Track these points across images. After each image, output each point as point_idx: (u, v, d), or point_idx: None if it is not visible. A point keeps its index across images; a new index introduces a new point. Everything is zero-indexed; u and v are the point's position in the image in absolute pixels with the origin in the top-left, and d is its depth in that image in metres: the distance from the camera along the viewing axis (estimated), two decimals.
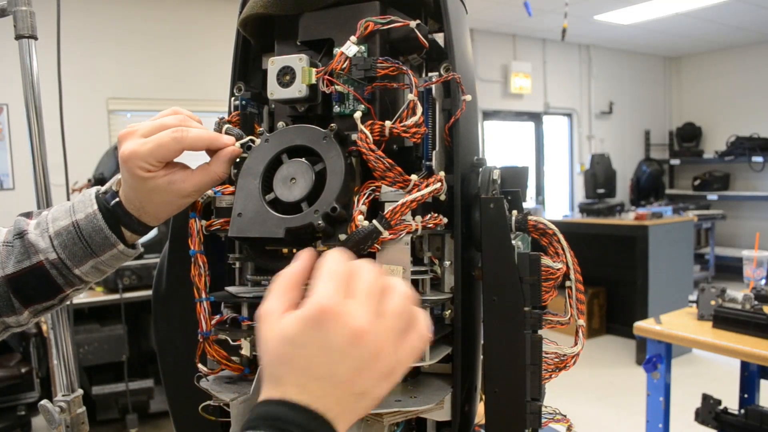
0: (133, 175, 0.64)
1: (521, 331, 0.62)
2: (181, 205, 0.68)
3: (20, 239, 0.68)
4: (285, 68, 0.63)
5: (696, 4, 5.94)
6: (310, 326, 0.46)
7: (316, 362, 0.46)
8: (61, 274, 0.68)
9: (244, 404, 0.64)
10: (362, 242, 0.57)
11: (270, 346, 0.47)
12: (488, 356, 0.63)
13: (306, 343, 0.46)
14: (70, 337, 1.26)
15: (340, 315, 0.46)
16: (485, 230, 0.63)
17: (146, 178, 0.64)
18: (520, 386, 0.62)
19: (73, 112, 4.35)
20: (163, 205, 0.67)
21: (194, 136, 0.65)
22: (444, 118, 0.67)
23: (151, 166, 0.64)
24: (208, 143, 0.66)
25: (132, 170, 0.64)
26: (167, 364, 0.77)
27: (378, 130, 0.61)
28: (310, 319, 0.46)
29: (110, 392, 3.41)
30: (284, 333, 0.47)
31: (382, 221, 0.57)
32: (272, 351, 0.47)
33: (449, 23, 0.67)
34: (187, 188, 0.66)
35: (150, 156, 0.63)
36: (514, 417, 0.62)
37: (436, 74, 0.66)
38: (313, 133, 0.63)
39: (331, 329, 0.46)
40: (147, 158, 0.63)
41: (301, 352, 0.46)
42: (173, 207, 0.68)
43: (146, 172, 0.64)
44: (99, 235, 0.67)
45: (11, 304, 0.69)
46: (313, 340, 0.46)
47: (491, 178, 0.66)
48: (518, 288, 0.62)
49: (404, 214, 0.58)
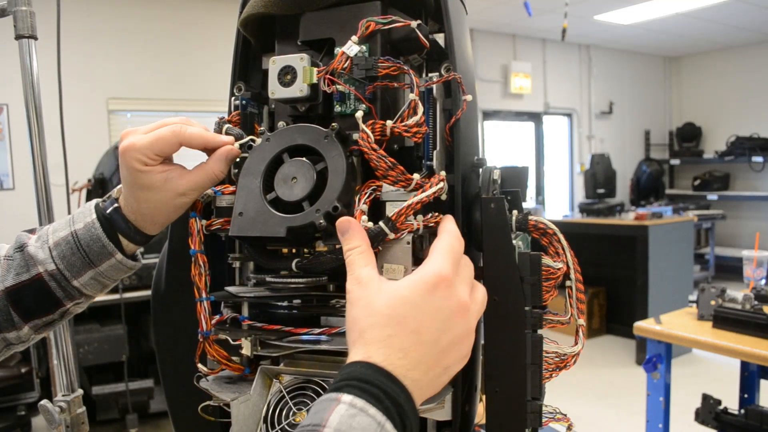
0: (130, 169, 0.64)
1: (522, 330, 0.62)
2: (178, 205, 0.67)
3: (20, 252, 0.68)
4: (286, 68, 0.63)
5: (696, 4, 5.94)
6: (426, 290, 0.49)
7: (426, 325, 0.48)
8: (60, 286, 0.67)
9: (244, 404, 0.63)
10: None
11: (379, 306, 0.49)
12: (489, 356, 0.63)
13: (421, 305, 0.48)
14: (70, 337, 1.27)
15: (452, 285, 0.50)
16: (486, 230, 0.63)
17: (143, 172, 0.64)
18: (520, 386, 0.62)
19: (73, 112, 4.35)
20: (160, 205, 0.66)
21: (193, 132, 0.65)
22: (445, 118, 0.67)
23: (148, 159, 0.64)
24: (205, 141, 0.66)
25: (130, 163, 0.64)
26: (167, 364, 0.77)
27: (379, 129, 0.61)
28: (427, 283, 0.49)
29: (110, 392, 3.41)
30: (401, 293, 0.49)
31: (389, 223, 0.57)
32: (383, 311, 0.48)
33: (450, 23, 0.67)
34: (183, 185, 0.66)
35: (148, 148, 0.63)
36: (515, 416, 0.62)
37: (437, 74, 0.66)
38: (315, 132, 0.63)
39: (445, 296, 0.49)
40: (145, 150, 0.63)
41: (415, 313, 0.48)
42: (170, 208, 0.67)
43: (143, 165, 0.64)
44: (96, 244, 0.66)
45: (11, 318, 0.67)
46: (428, 303, 0.48)
47: (491, 178, 0.66)
48: (519, 288, 0.62)
49: (409, 216, 0.58)
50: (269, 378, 0.66)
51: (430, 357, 0.48)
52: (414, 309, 0.48)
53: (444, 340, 0.49)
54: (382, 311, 0.48)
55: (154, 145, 0.64)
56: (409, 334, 0.47)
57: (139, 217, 0.68)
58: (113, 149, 3.56)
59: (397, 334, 0.47)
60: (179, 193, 0.66)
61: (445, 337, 0.49)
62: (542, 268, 0.63)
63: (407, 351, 0.47)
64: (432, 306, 0.48)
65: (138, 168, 0.64)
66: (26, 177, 4.51)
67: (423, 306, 0.48)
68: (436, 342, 0.48)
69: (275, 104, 0.72)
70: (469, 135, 0.70)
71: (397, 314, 0.48)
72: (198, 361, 0.68)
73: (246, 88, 0.73)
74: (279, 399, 0.64)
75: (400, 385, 0.45)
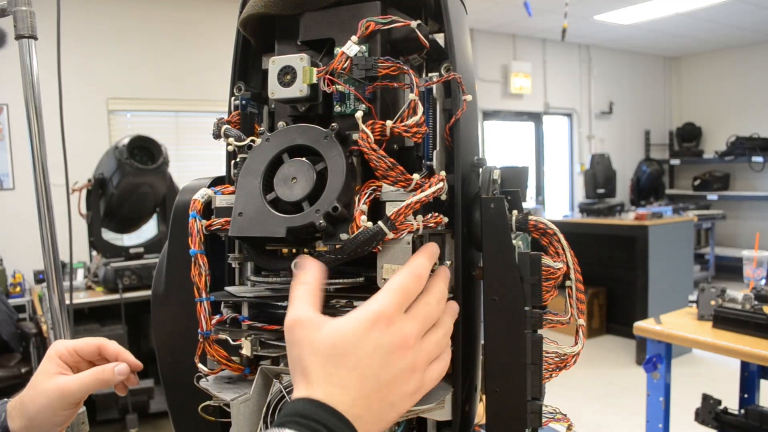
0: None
1: (522, 330, 0.62)
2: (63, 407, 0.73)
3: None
4: (286, 68, 0.63)
5: (696, 4, 5.94)
6: (365, 327, 0.49)
7: (366, 362, 0.48)
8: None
9: (244, 404, 0.64)
10: (367, 243, 0.57)
11: (320, 344, 0.49)
12: (489, 356, 0.63)
13: (361, 341, 0.49)
14: (70, 337, 1.26)
15: (393, 323, 0.50)
16: (486, 230, 0.63)
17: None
18: (520, 386, 0.62)
19: (73, 112, 4.36)
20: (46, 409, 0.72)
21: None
22: (445, 118, 0.67)
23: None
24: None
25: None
26: (166, 364, 0.77)
27: (379, 129, 0.61)
28: (367, 320, 0.49)
29: (110, 392, 3.40)
30: (341, 331, 0.49)
31: (388, 222, 0.57)
32: (323, 349, 0.49)
33: (450, 23, 0.67)
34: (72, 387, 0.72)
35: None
36: (515, 416, 0.62)
37: (437, 74, 0.66)
38: (314, 132, 0.62)
39: (384, 333, 0.49)
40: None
41: (356, 350, 0.49)
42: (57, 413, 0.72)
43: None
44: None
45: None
46: (367, 339, 0.49)
47: (491, 178, 0.66)
48: (519, 288, 0.62)
49: (408, 216, 0.58)
50: (269, 378, 0.66)
51: (372, 393, 0.48)
52: (354, 346, 0.48)
53: (385, 376, 0.49)
54: (322, 349, 0.49)
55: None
56: (349, 370, 0.48)
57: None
58: (113, 149, 3.56)
59: (338, 371, 0.48)
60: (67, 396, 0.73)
61: (386, 374, 0.49)
62: (542, 268, 0.63)
63: (348, 387, 0.48)
64: (371, 343, 0.49)
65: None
66: (26, 177, 4.52)
67: (362, 343, 0.49)
68: (377, 378, 0.49)
69: (275, 104, 0.72)
70: (469, 135, 0.70)
71: (337, 352, 0.48)
72: (198, 361, 0.68)
73: (246, 88, 0.73)
74: (279, 399, 0.64)
75: (343, 419, 0.46)
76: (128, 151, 3.45)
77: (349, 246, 0.57)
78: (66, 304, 1.27)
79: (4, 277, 3.95)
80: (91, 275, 3.65)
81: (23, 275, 4.03)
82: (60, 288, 1.25)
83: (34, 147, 1.21)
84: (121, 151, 3.44)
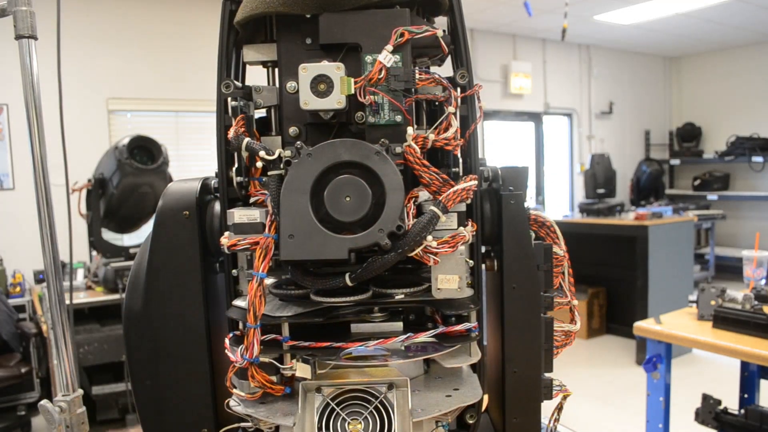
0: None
1: (538, 314, 0.65)
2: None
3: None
4: (320, 77, 0.61)
5: (696, 4, 5.93)
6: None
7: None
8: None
9: (298, 424, 0.62)
10: (425, 229, 0.59)
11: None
12: (509, 340, 0.66)
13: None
14: (70, 337, 1.26)
15: None
16: (506, 224, 0.66)
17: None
18: (537, 365, 0.66)
19: (73, 112, 4.36)
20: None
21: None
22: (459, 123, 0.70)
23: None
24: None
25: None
26: (145, 389, 0.71)
27: (421, 142, 0.63)
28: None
29: (110, 392, 3.41)
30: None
31: (440, 205, 0.60)
32: None
33: (464, 28, 0.68)
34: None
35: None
36: (532, 392, 0.67)
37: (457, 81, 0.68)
38: (362, 148, 0.60)
39: None
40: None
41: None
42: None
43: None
44: None
45: None
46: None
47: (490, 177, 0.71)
48: (536, 275, 0.65)
49: (456, 202, 0.60)
50: (309, 392, 0.65)
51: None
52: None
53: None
54: None
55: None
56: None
57: None
58: (113, 149, 3.56)
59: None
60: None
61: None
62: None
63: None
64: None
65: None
66: (26, 177, 4.52)
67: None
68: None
69: (285, 108, 0.69)
70: (473, 137, 0.72)
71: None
72: (230, 385, 0.67)
73: (235, 86, 0.72)
74: (329, 411, 0.63)
75: None
76: (128, 151, 3.45)
77: (411, 236, 0.58)
78: (66, 304, 1.27)
79: (4, 277, 3.95)
80: (91, 275, 3.65)
81: (23, 275, 4.03)
82: (60, 288, 1.25)
83: (34, 147, 1.21)
84: (121, 151, 3.44)
